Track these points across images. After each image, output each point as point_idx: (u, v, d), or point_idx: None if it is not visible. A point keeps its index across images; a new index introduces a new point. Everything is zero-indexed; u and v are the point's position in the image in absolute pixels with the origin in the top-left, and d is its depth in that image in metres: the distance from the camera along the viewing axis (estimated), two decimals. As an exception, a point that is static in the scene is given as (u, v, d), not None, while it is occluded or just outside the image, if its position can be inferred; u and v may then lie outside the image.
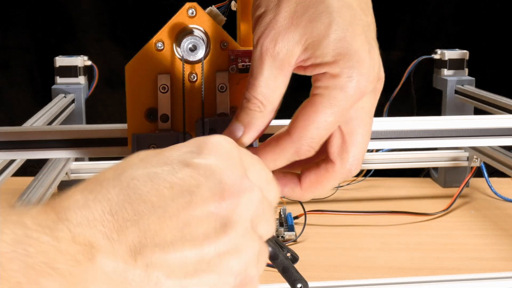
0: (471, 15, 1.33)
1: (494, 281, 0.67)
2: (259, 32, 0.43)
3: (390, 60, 1.33)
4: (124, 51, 1.33)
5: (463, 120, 0.71)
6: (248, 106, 0.44)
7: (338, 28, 0.42)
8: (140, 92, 0.54)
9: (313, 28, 0.42)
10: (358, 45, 0.43)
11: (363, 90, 0.43)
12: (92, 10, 1.33)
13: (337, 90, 0.42)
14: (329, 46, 0.42)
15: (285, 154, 0.44)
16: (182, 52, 0.53)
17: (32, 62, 1.33)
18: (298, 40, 0.43)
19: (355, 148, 0.45)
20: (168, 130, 0.54)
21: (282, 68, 0.43)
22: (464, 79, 1.12)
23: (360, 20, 0.44)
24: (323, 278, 0.77)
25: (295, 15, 0.43)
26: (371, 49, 0.44)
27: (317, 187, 0.46)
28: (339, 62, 0.42)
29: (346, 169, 0.45)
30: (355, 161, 0.45)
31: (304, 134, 0.43)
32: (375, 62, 0.44)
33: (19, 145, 0.63)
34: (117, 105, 1.33)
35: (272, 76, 0.43)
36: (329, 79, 0.42)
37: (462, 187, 1.04)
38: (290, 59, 0.43)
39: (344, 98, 0.42)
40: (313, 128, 0.43)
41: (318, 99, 0.43)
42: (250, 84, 0.44)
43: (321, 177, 0.46)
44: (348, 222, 0.97)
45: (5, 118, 1.35)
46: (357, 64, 0.42)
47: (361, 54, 0.42)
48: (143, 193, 0.34)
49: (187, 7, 0.53)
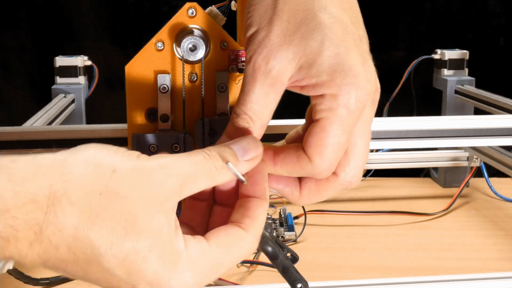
0: (471, 15, 1.33)
1: (494, 281, 0.67)
2: (252, 50, 0.43)
3: (390, 60, 1.33)
4: (124, 51, 1.33)
5: (463, 120, 0.71)
6: (238, 121, 0.44)
7: (331, 45, 0.42)
8: (140, 92, 0.54)
9: (306, 45, 0.43)
10: (352, 60, 0.43)
11: (363, 103, 0.43)
12: (92, 10, 1.33)
13: (340, 109, 0.42)
14: (324, 64, 0.42)
15: (302, 173, 0.44)
16: (182, 52, 0.53)
17: (32, 62, 1.33)
18: (291, 58, 0.43)
19: (357, 160, 0.45)
20: (168, 130, 0.54)
21: (274, 86, 0.43)
22: (464, 79, 1.12)
23: (352, 35, 0.44)
24: (323, 278, 0.77)
25: (287, 33, 0.43)
26: (365, 61, 0.44)
27: (315, 195, 0.47)
28: (335, 80, 0.42)
29: (347, 181, 0.46)
30: (357, 173, 0.46)
31: (324, 160, 0.43)
32: (370, 75, 0.44)
33: (19, 145, 0.63)
34: (117, 105, 1.33)
35: (264, 93, 0.43)
36: (330, 100, 0.43)
37: (462, 187, 1.04)
38: (283, 77, 0.43)
39: (348, 115, 0.43)
40: (330, 153, 0.43)
41: (326, 123, 0.43)
42: (240, 100, 0.44)
43: (321, 186, 0.46)
44: (348, 222, 0.97)
45: (5, 118, 1.35)
46: (354, 80, 0.42)
47: (356, 68, 0.43)
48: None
49: (187, 7, 0.53)
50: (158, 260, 0.37)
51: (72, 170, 0.36)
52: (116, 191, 0.36)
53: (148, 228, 0.36)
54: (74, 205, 0.35)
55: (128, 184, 0.37)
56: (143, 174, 0.37)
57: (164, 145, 0.53)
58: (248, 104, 0.43)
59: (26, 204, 0.34)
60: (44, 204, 0.35)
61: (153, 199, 0.37)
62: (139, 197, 0.37)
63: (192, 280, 0.38)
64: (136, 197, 0.37)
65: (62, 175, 0.36)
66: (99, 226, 0.36)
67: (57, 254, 0.36)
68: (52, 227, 0.35)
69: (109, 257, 0.36)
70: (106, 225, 0.36)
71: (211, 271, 0.39)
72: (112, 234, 0.36)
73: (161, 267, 0.37)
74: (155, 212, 0.37)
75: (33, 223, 0.35)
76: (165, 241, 0.37)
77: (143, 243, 0.36)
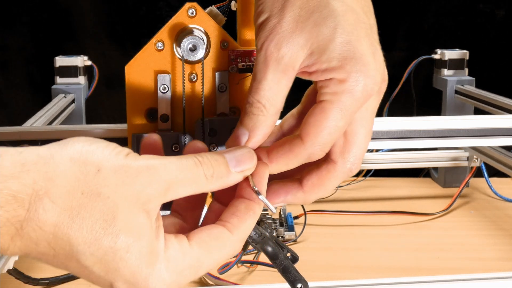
0: (471, 15, 1.33)
1: (494, 281, 0.67)
2: (263, 37, 0.43)
3: (390, 60, 1.32)
4: (124, 51, 1.33)
5: (463, 120, 0.71)
6: (252, 111, 0.44)
7: (344, 32, 0.43)
8: (140, 92, 0.54)
9: (318, 32, 0.43)
10: (363, 48, 0.43)
11: (370, 92, 0.43)
12: (92, 10, 1.33)
13: (345, 94, 0.43)
14: (335, 50, 0.43)
15: (298, 159, 0.44)
16: (182, 52, 0.53)
17: (32, 62, 1.33)
18: (303, 44, 0.43)
19: (357, 148, 0.46)
20: (168, 130, 0.54)
21: (286, 72, 0.43)
22: (464, 79, 1.12)
23: (364, 23, 0.44)
24: (323, 278, 0.77)
25: (300, 20, 0.43)
26: (375, 51, 0.44)
27: (320, 188, 0.47)
28: (345, 66, 0.42)
29: (347, 168, 0.46)
30: (356, 161, 0.46)
31: (317, 140, 0.43)
32: (379, 64, 0.44)
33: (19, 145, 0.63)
34: (117, 105, 1.33)
35: (276, 80, 0.43)
36: (337, 85, 0.43)
37: (462, 187, 1.04)
38: (294, 64, 0.43)
39: (352, 102, 0.43)
40: (325, 134, 0.43)
41: (327, 105, 0.43)
42: (253, 88, 0.44)
43: (323, 178, 0.46)
44: (348, 222, 0.97)
45: (5, 118, 1.35)
46: (363, 68, 0.42)
47: (367, 57, 0.43)
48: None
49: (187, 7, 0.53)
50: (135, 260, 0.37)
51: (56, 168, 0.36)
52: (98, 191, 0.37)
53: (127, 229, 0.37)
54: (55, 203, 0.36)
55: (112, 184, 0.37)
56: (128, 175, 0.37)
57: (164, 145, 0.53)
58: (261, 92, 0.44)
59: (9, 202, 0.35)
60: (26, 202, 0.35)
61: (135, 200, 0.37)
62: (121, 198, 0.37)
63: (170, 279, 0.39)
64: (118, 197, 0.37)
65: (46, 173, 0.36)
66: (78, 225, 0.36)
67: (37, 248, 0.36)
68: (32, 224, 0.36)
69: (87, 255, 0.37)
70: (85, 224, 0.36)
71: (190, 271, 0.39)
72: (91, 233, 0.36)
73: (138, 267, 0.37)
74: (136, 213, 0.37)
75: (15, 220, 0.35)
76: (144, 242, 0.37)
77: (121, 243, 0.37)
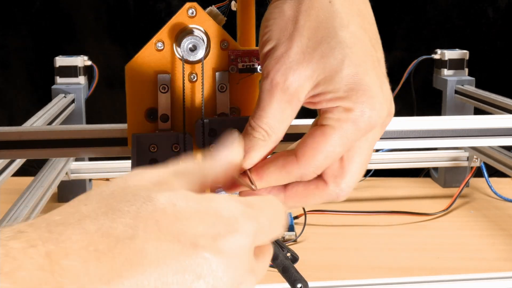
0: (471, 15, 1.33)
1: (494, 281, 0.67)
2: (270, 65, 0.43)
3: (390, 60, 1.32)
4: (124, 51, 1.33)
5: (463, 120, 0.71)
6: (253, 134, 0.44)
7: (351, 64, 0.42)
8: (140, 92, 0.54)
9: (325, 63, 0.42)
10: (370, 81, 0.43)
11: (373, 124, 0.43)
12: (92, 10, 1.33)
13: (349, 123, 0.42)
14: (342, 81, 0.42)
15: (289, 177, 0.44)
16: (182, 52, 0.53)
17: (32, 62, 1.33)
18: (309, 75, 0.43)
19: (350, 176, 0.45)
20: (168, 130, 0.54)
21: (291, 102, 0.43)
22: (464, 79, 1.12)
23: (371, 56, 0.44)
24: (323, 278, 0.77)
25: (307, 50, 0.43)
26: (383, 84, 0.44)
27: (301, 199, 0.46)
28: (352, 97, 0.42)
29: (335, 192, 0.46)
30: (347, 188, 0.46)
31: (313, 162, 0.43)
32: (387, 98, 0.44)
33: (19, 145, 0.63)
34: (117, 105, 1.33)
35: (280, 109, 0.43)
36: (342, 112, 0.43)
37: (462, 187, 1.04)
38: (300, 94, 0.43)
39: (354, 132, 0.43)
40: (322, 157, 0.43)
41: (329, 130, 0.43)
42: (256, 115, 0.44)
43: (309, 191, 0.46)
44: (348, 222, 0.97)
45: (5, 118, 1.35)
46: (370, 99, 0.42)
47: (374, 89, 0.43)
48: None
49: (187, 7, 0.53)
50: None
51: None
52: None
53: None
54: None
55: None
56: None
57: (164, 145, 0.53)
58: (264, 119, 0.43)
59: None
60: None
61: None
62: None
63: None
64: None
65: None
66: None
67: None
68: None
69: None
70: None
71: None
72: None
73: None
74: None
75: None
76: None
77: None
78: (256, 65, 0.55)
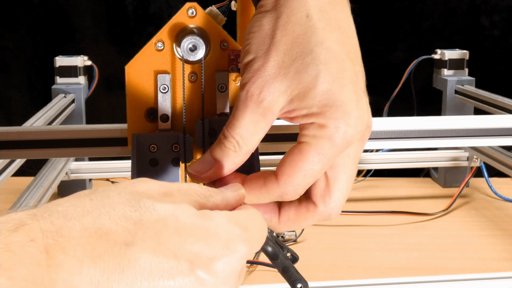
0: (471, 15, 1.33)
1: (494, 281, 0.67)
2: (246, 77, 0.44)
3: (390, 60, 1.33)
4: (124, 51, 1.33)
5: (463, 120, 0.71)
6: (224, 143, 0.44)
7: (325, 80, 0.43)
8: (140, 92, 0.54)
9: (299, 79, 0.43)
10: (345, 97, 0.43)
11: (350, 140, 0.43)
12: (92, 10, 1.33)
13: (324, 139, 0.43)
14: (316, 98, 0.43)
15: (269, 196, 0.45)
16: (182, 52, 0.53)
17: (32, 63, 1.33)
18: (283, 90, 0.43)
19: (338, 193, 0.46)
20: (168, 130, 0.54)
21: (265, 116, 0.43)
22: (464, 79, 1.12)
23: (348, 71, 0.44)
24: (323, 278, 0.77)
25: (283, 65, 0.43)
26: (359, 99, 0.44)
27: (294, 223, 0.47)
28: (325, 113, 0.42)
29: (326, 212, 0.46)
30: (337, 206, 0.46)
31: (291, 181, 0.43)
32: (363, 113, 0.44)
33: (19, 145, 0.63)
34: (117, 105, 1.33)
35: (254, 121, 0.44)
36: (317, 129, 0.43)
37: (462, 187, 1.04)
38: (274, 108, 0.43)
39: (331, 148, 0.43)
40: (300, 176, 0.43)
41: (305, 147, 0.43)
42: (230, 124, 0.44)
43: (301, 215, 0.46)
44: (348, 222, 0.97)
45: (5, 118, 1.35)
46: (344, 115, 0.42)
47: (348, 105, 0.43)
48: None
49: (187, 7, 0.53)
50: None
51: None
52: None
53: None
54: None
55: None
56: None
57: (164, 145, 0.53)
58: (236, 129, 0.44)
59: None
60: None
61: None
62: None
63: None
64: None
65: None
66: None
67: None
68: None
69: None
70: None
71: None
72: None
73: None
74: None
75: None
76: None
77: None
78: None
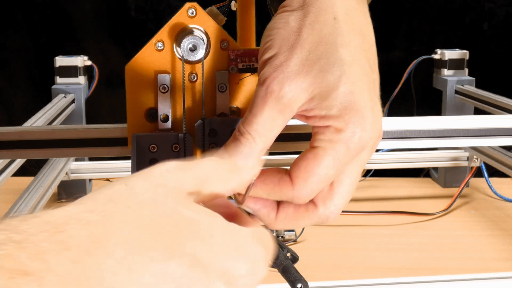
0: (471, 15, 1.33)
1: (494, 281, 0.67)
2: (267, 72, 0.43)
3: (390, 60, 1.33)
4: (124, 51, 1.33)
5: (463, 120, 0.71)
6: (240, 139, 0.43)
7: (348, 82, 0.42)
8: (140, 92, 0.54)
9: (323, 78, 0.42)
10: (364, 101, 0.43)
11: (364, 145, 0.43)
12: (92, 10, 1.33)
13: (340, 144, 0.42)
14: (337, 99, 0.42)
15: (281, 196, 0.44)
16: (182, 52, 0.53)
17: (32, 62, 1.33)
18: (305, 88, 0.42)
19: (340, 198, 0.45)
20: (168, 130, 0.54)
21: (284, 112, 0.43)
22: (464, 79, 1.12)
23: (367, 77, 0.44)
24: (323, 278, 0.77)
25: (307, 63, 0.43)
26: (374, 106, 0.44)
27: (291, 222, 0.46)
28: (344, 116, 0.42)
29: (325, 214, 0.45)
30: (336, 210, 0.45)
31: (306, 185, 0.43)
32: (377, 119, 0.44)
33: (19, 145, 0.63)
34: (117, 105, 1.33)
35: (271, 117, 0.43)
36: (333, 133, 0.42)
37: (462, 187, 1.04)
38: (293, 105, 0.43)
39: (346, 153, 0.43)
40: (315, 180, 0.43)
41: (321, 152, 0.43)
42: (247, 120, 0.43)
43: (299, 214, 0.46)
44: (348, 222, 0.97)
45: (5, 118, 1.35)
46: (361, 120, 0.42)
47: (366, 110, 0.43)
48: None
49: (187, 7, 0.53)
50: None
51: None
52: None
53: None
54: None
55: None
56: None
57: (164, 145, 0.53)
58: (254, 126, 0.43)
59: None
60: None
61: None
62: None
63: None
64: None
65: None
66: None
67: None
68: None
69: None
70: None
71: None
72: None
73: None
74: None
75: None
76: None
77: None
78: (256, 65, 0.55)
